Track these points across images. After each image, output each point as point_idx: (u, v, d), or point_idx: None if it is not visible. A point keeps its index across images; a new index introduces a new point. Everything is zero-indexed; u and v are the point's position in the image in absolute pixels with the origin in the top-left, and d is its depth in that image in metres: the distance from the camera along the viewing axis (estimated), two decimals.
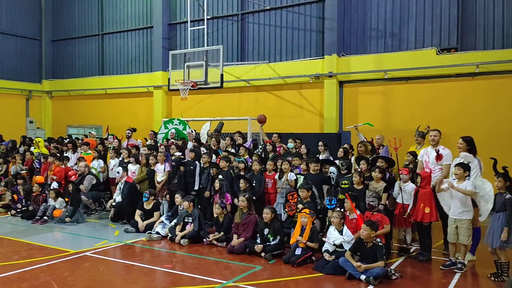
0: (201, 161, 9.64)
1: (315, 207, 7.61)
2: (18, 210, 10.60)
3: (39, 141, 13.13)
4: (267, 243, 7.30)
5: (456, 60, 11.94)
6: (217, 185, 8.68)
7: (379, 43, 13.36)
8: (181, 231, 8.23)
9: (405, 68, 12.51)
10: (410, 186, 7.33)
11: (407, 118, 12.42)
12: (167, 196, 9.71)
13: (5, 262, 6.79)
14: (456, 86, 12.06)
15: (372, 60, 13.15)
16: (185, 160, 9.90)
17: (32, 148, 13.01)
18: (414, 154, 8.40)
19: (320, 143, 9.82)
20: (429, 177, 7.06)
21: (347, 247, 6.57)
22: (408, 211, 7.14)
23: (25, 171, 11.74)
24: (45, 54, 20.91)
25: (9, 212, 10.81)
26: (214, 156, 10.06)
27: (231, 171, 9.25)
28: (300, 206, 7.60)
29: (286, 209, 7.93)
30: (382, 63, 12.96)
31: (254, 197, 8.19)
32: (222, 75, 12.78)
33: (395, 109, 12.91)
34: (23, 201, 10.78)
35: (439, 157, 7.28)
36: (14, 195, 11.11)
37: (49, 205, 10.06)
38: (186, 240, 8.00)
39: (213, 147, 10.67)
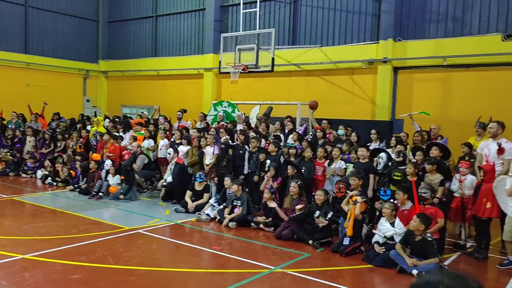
0: (250, 146, 9.67)
1: (366, 196, 7.45)
2: (76, 185, 11.14)
3: (100, 120, 13.60)
4: (316, 227, 7.24)
5: None
6: (272, 171, 8.62)
7: (439, 27, 12.70)
8: (229, 214, 8.35)
9: (466, 54, 11.84)
10: (470, 178, 7.01)
11: (466, 108, 11.80)
12: (215, 178, 9.85)
13: (64, 235, 7.17)
14: None
15: (430, 45, 12.55)
16: (234, 144, 9.96)
17: (88, 127, 13.52)
18: (470, 146, 8.03)
19: (373, 131, 9.58)
20: (493, 170, 6.72)
21: (398, 239, 6.40)
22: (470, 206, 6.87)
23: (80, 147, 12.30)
24: (102, 35, 21.56)
25: (67, 187, 11.37)
26: (263, 140, 10.06)
27: (280, 156, 9.23)
28: (350, 192, 7.48)
29: (335, 190, 7.80)
30: (441, 48, 12.33)
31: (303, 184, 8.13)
32: (273, 59, 12.68)
33: (453, 98, 12.31)
34: (80, 177, 11.31)
35: (501, 150, 6.89)
36: (71, 171, 11.68)
37: (105, 182, 10.50)
38: (234, 223, 8.10)
39: (262, 131, 10.66)
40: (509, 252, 6.50)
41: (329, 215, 7.22)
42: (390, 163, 8.21)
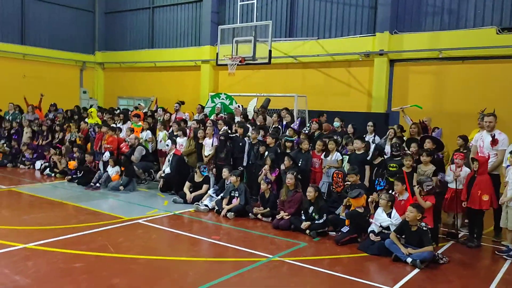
0: (249, 137, 9.75)
1: (365, 189, 7.57)
2: (74, 176, 11.20)
3: (91, 111, 13.65)
4: (313, 221, 7.36)
5: None
6: (268, 161, 8.72)
7: (435, 20, 12.80)
8: (227, 204, 8.46)
9: (461, 47, 11.97)
10: (464, 170, 7.14)
11: (461, 100, 11.96)
12: (214, 170, 9.94)
13: (65, 225, 7.25)
14: None
15: (426, 38, 12.65)
16: (233, 135, 10.04)
17: (87, 120, 13.53)
18: (465, 138, 8.14)
19: (370, 123, 9.69)
20: (487, 162, 6.84)
21: (393, 229, 6.53)
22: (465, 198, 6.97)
23: (80, 138, 12.34)
24: (98, 26, 21.48)
25: (65, 178, 11.43)
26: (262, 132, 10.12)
27: (278, 148, 9.32)
28: (348, 183, 7.63)
29: (333, 186, 7.94)
30: (437, 41, 12.44)
31: (299, 176, 8.24)
32: (270, 51, 12.71)
33: (448, 90, 12.44)
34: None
35: (494, 142, 7.03)
36: (69, 162, 11.72)
37: (104, 173, 10.57)
38: (232, 213, 8.21)
39: (258, 123, 10.74)
40: (509, 240, 6.59)
41: (323, 219, 7.31)
42: (385, 156, 8.32)
